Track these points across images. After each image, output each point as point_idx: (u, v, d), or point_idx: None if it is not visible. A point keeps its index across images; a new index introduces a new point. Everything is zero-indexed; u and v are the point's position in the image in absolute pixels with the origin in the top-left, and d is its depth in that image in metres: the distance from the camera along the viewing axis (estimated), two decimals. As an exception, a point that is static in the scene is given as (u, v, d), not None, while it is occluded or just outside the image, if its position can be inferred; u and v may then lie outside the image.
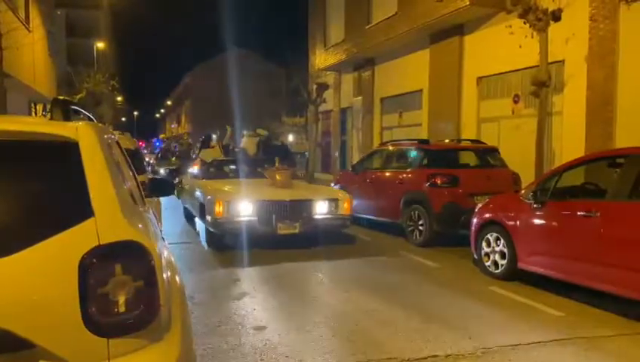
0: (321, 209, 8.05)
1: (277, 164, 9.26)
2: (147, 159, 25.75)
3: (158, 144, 56.05)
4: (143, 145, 50.91)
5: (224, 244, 8.12)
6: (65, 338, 1.76)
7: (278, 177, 8.60)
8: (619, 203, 4.99)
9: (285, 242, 8.00)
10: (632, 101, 9.25)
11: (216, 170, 10.35)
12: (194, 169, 11.66)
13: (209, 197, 7.93)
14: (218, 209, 7.52)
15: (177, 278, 2.54)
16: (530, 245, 5.88)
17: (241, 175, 9.94)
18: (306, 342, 4.29)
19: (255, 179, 9.37)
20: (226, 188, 8.39)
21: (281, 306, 5.31)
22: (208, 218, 7.82)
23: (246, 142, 14.90)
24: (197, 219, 9.62)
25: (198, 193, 8.80)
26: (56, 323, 1.76)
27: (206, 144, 13.92)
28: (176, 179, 12.28)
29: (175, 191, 10.22)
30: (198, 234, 9.59)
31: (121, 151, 3.04)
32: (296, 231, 7.78)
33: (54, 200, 1.94)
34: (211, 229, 7.92)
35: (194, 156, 27.84)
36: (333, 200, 8.17)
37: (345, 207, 8.20)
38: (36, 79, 17.27)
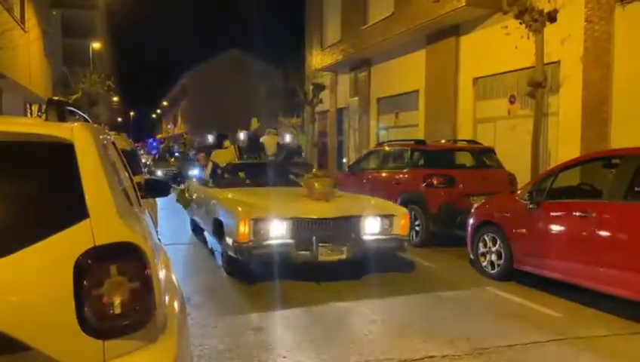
0: (372, 228, 6.39)
1: (314, 169, 7.67)
2: (144, 160, 25.17)
3: (154, 145, 53.41)
4: (139, 146, 50.14)
5: (248, 273, 6.42)
6: (60, 340, 1.75)
7: (317, 186, 6.71)
8: (614, 203, 5.00)
9: (325, 270, 6.44)
10: (627, 102, 9.29)
11: (232, 177, 8.36)
12: (194, 172, 10.83)
13: (230, 213, 6.27)
14: (243, 230, 5.76)
15: (173, 279, 2.54)
16: (527, 245, 5.89)
17: (265, 182, 7.93)
18: (303, 342, 4.29)
19: (283, 188, 7.63)
20: (251, 202, 6.44)
21: (278, 308, 5.30)
22: (228, 240, 6.15)
23: (267, 139, 14.44)
24: (208, 235, 8.02)
25: (212, 206, 7.12)
26: (52, 325, 1.75)
27: (218, 144, 12.50)
28: (181, 185, 10.54)
29: (181, 200, 9.11)
30: (212, 254, 7.95)
31: (116, 151, 3.04)
32: (344, 256, 6.05)
33: (49, 202, 1.94)
34: (232, 255, 6.13)
35: (192, 154, 27.09)
36: (388, 217, 6.50)
37: (402, 225, 6.48)
38: (32, 79, 17.20)
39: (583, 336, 4.43)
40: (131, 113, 76.47)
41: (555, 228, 5.55)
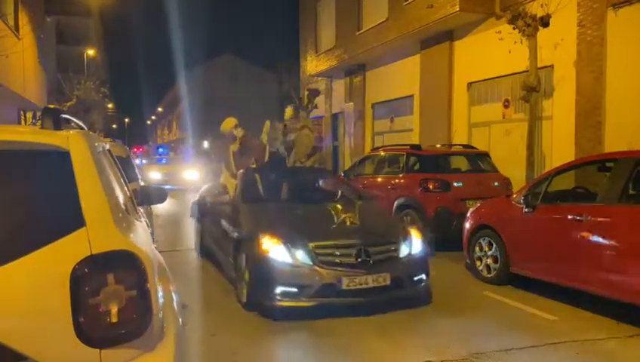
0: None
1: None
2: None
3: (160, 151, 39.54)
4: (141, 150, 46.36)
5: None
6: (56, 349, 1.74)
7: None
8: (608, 207, 5.02)
9: None
10: (620, 105, 9.35)
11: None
12: None
13: None
14: None
15: (170, 287, 2.53)
16: (522, 249, 5.91)
17: None
18: (301, 349, 4.28)
19: None
20: None
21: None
22: None
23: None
24: None
25: None
26: (48, 335, 1.74)
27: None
28: None
29: None
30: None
31: (112, 159, 3.03)
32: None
33: (45, 210, 1.93)
34: None
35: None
36: None
37: None
38: (26, 87, 17.14)
39: (579, 339, 4.44)
40: (126, 120, 76.23)
41: (551, 231, 5.56)
